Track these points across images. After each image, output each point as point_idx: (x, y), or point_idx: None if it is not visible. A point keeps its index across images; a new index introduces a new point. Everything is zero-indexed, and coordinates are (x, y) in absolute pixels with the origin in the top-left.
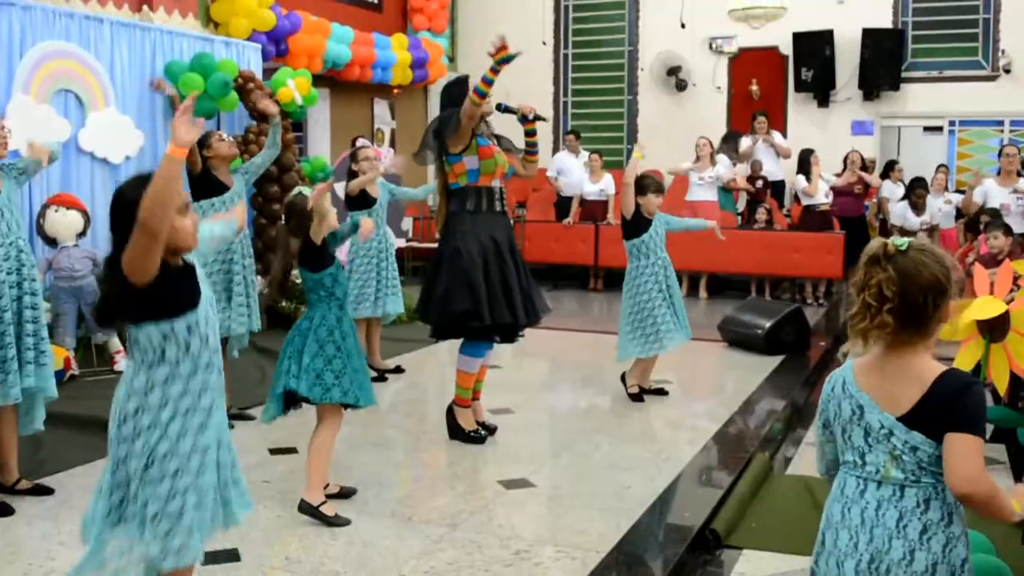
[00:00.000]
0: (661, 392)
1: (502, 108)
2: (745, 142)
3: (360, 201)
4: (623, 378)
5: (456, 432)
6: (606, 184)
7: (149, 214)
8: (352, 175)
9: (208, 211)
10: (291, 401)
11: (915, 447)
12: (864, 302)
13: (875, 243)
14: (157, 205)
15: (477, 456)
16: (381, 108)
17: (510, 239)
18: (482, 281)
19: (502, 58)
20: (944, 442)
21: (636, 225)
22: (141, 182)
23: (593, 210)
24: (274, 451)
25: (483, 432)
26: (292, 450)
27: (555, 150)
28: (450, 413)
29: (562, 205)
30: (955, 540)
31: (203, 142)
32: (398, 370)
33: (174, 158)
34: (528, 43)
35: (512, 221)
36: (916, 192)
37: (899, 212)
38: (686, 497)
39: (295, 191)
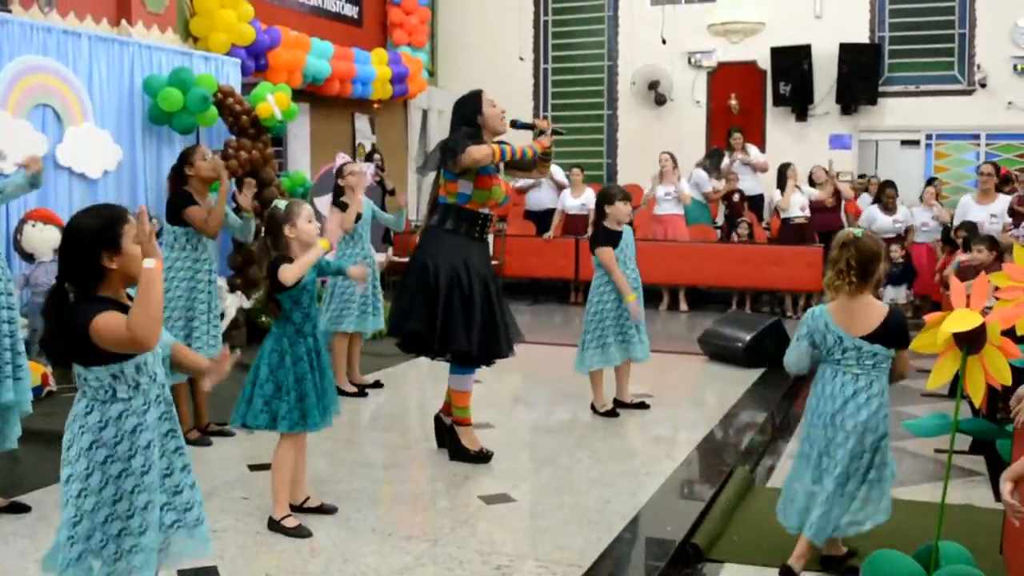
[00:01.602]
0: (642, 406)
1: (517, 125)
2: (726, 162)
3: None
4: (592, 407)
5: (460, 454)
6: (587, 198)
7: (142, 331)
8: (339, 191)
9: (180, 238)
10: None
11: (875, 354)
12: (838, 269)
13: (842, 233)
14: (151, 322)
15: (457, 472)
16: (361, 123)
17: (485, 266)
18: (443, 305)
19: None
20: (896, 354)
21: (606, 236)
22: (98, 213)
23: (574, 224)
24: (253, 467)
25: (487, 451)
26: (270, 466)
27: None
28: (451, 434)
29: (538, 220)
30: (884, 405)
31: (185, 158)
32: (377, 385)
33: (157, 269)
34: (508, 58)
35: (491, 241)
36: (886, 193)
37: (868, 216)
38: (667, 511)
39: (273, 204)
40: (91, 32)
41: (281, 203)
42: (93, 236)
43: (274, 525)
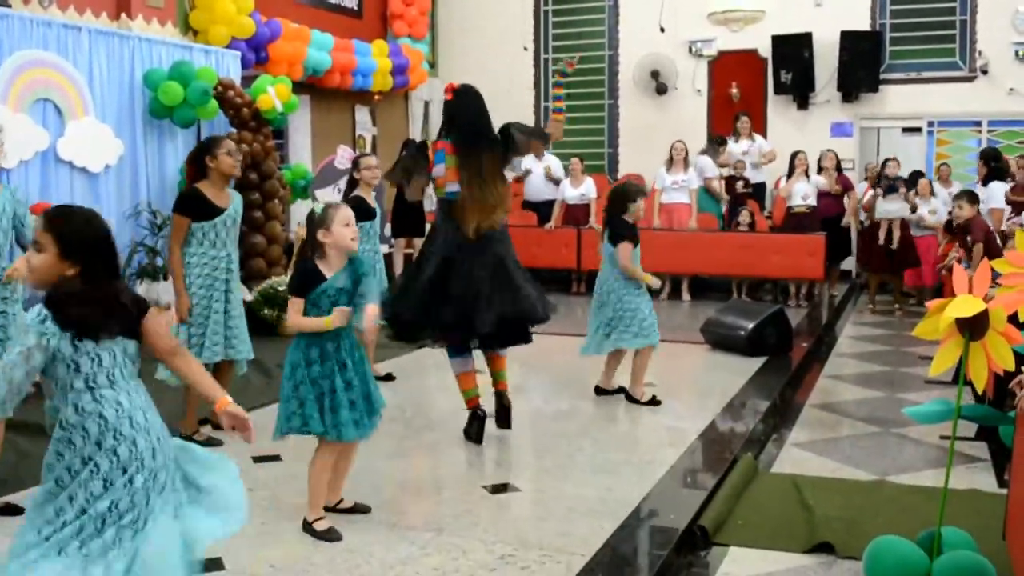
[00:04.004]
0: (621, 391)
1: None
2: (732, 148)
3: (361, 213)
4: (628, 397)
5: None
6: (587, 188)
7: None
8: (353, 183)
9: (197, 233)
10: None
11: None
12: None
13: None
14: None
15: (461, 461)
16: (362, 115)
17: (480, 249)
18: (426, 285)
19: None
20: None
21: (629, 231)
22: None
23: (575, 214)
24: (258, 459)
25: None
26: (276, 458)
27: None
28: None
29: (537, 210)
30: None
31: (209, 148)
32: (388, 377)
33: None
34: (509, 48)
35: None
36: (919, 185)
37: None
38: (671, 499)
39: (312, 208)
40: (91, 26)
41: (319, 206)
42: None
43: (306, 527)
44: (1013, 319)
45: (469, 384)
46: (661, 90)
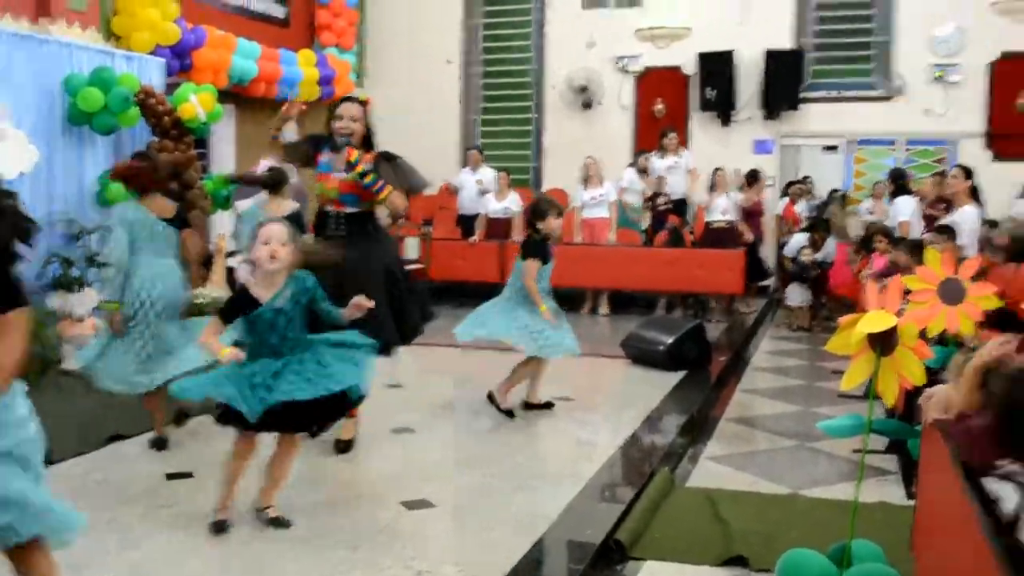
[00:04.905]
0: (548, 406)
1: (342, 143)
2: (656, 164)
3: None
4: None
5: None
6: (511, 202)
7: None
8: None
9: None
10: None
11: None
12: None
13: None
14: None
15: (379, 476)
16: (288, 125)
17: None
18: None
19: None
20: None
21: (537, 248)
22: None
23: (497, 228)
24: (171, 475)
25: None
26: (189, 475)
27: (464, 166)
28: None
29: (464, 223)
30: None
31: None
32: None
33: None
34: (437, 61)
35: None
36: (818, 232)
37: (794, 245)
38: (588, 513)
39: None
40: (9, 30)
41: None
42: None
43: None
44: (923, 334)
45: None
46: (587, 105)
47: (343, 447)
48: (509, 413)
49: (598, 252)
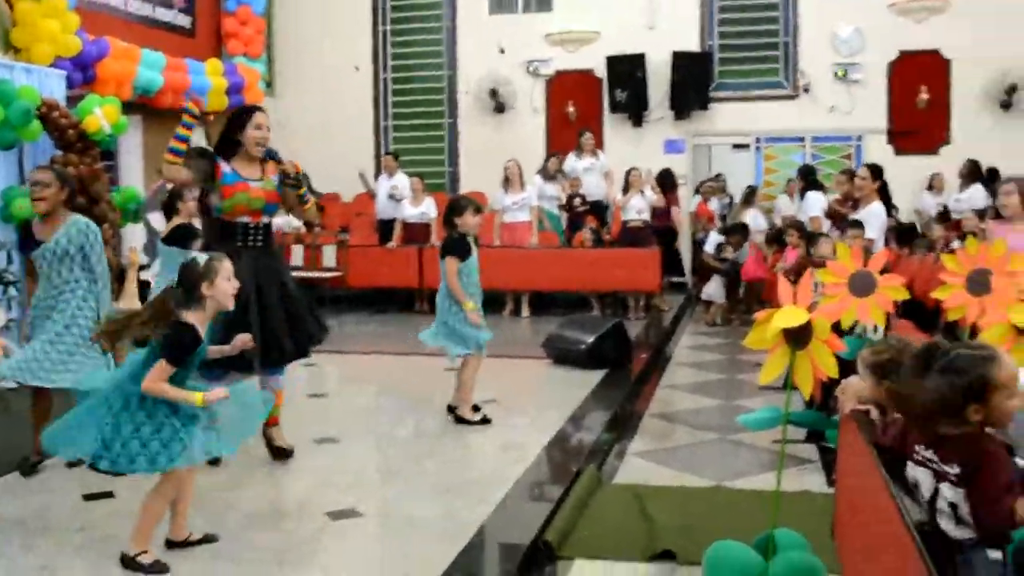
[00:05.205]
0: (476, 409)
1: (272, 155)
2: (573, 164)
3: (190, 239)
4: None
5: None
6: (427, 207)
7: None
8: (173, 211)
9: None
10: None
11: None
12: None
13: None
14: None
15: (302, 488)
16: (196, 135)
17: (254, 273)
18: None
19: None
20: None
21: (456, 246)
22: None
23: (414, 233)
24: (89, 496)
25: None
26: (109, 495)
27: (377, 173)
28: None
29: (382, 229)
30: None
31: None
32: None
33: None
34: (347, 68)
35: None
36: (733, 237)
37: (713, 241)
38: (516, 515)
39: (193, 257)
40: None
41: (201, 257)
42: None
43: (129, 562)
44: (836, 327)
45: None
46: (500, 109)
47: (285, 454)
48: (484, 420)
49: (518, 254)
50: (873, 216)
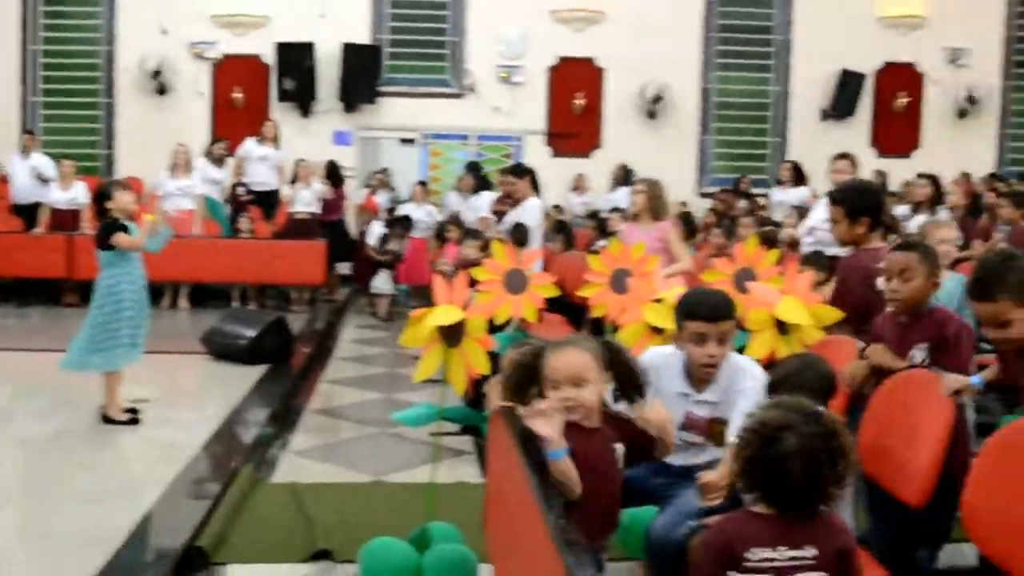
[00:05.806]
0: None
1: None
2: (251, 148)
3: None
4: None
5: None
6: (78, 192)
7: None
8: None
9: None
10: None
11: None
12: None
13: None
14: None
15: None
16: None
17: None
18: None
19: None
20: None
21: (118, 226)
22: None
23: (63, 219)
24: None
25: None
26: None
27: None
28: None
29: (23, 213)
30: None
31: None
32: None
33: None
34: None
35: None
36: (395, 230)
37: (375, 233)
38: (168, 520)
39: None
40: None
41: None
42: None
43: None
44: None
45: None
46: (162, 90)
47: None
48: (134, 420)
49: (177, 244)
50: (530, 211)
